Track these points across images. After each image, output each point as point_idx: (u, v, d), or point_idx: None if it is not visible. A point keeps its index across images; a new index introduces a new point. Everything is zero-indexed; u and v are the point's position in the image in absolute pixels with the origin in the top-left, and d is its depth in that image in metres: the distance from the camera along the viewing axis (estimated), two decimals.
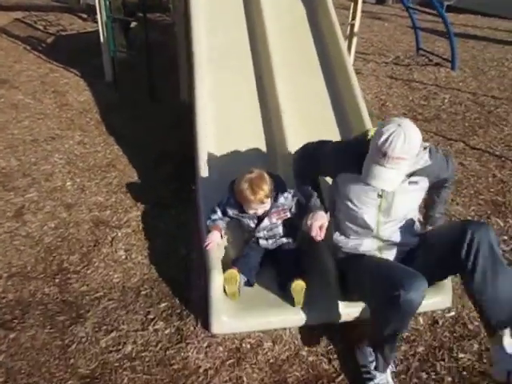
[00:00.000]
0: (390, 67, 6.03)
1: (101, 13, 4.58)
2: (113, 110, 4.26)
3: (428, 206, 2.13)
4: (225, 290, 1.91)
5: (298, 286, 1.89)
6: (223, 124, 2.90)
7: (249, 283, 2.02)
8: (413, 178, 1.79)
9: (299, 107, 3.03)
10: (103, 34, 4.71)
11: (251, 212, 2.09)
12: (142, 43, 4.83)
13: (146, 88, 4.56)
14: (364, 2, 11.39)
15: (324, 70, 3.31)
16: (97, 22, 4.85)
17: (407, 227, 1.90)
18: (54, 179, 3.10)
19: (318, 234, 1.85)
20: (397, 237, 1.89)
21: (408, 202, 1.85)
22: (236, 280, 1.89)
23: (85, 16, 8.26)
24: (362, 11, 4.56)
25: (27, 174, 3.15)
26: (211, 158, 2.69)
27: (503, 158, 3.63)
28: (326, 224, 1.90)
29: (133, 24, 6.33)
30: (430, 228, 2.09)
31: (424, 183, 1.85)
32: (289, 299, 1.94)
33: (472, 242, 1.62)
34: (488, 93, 5.16)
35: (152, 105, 4.44)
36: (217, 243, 2.09)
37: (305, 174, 2.10)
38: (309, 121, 2.96)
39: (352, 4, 4.83)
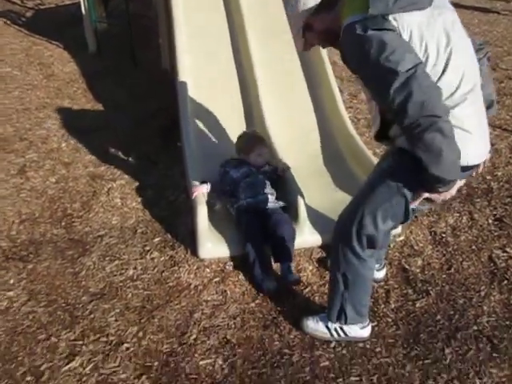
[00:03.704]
0: None
1: None
2: (98, 79, 4.50)
3: None
4: None
5: None
6: (203, 85, 3.21)
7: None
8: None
9: (271, 70, 3.36)
10: (84, 6, 4.89)
11: (259, 160, 2.51)
12: (121, 14, 5.03)
13: (128, 56, 4.79)
14: None
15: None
16: None
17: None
18: (50, 142, 3.39)
19: None
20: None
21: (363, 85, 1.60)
22: None
23: None
24: None
25: (24, 139, 3.42)
26: (194, 117, 3.02)
27: None
28: None
29: None
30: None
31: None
32: None
33: None
34: None
35: (135, 72, 4.69)
36: (201, 192, 2.43)
37: None
38: (279, 79, 3.31)
39: None
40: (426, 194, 1.56)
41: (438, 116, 1.32)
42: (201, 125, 3.04)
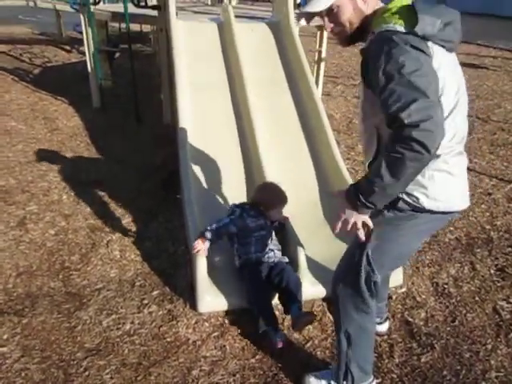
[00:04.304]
0: (357, 89, 6.55)
1: (88, 45, 4.98)
2: (101, 133, 4.62)
3: None
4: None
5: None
6: (203, 140, 3.29)
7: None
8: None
9: (270, 122, 3.45)
10: (90, 64, 5.10)
11: (277, 216, 2.47)
12: (125, 72, 5.23)
13: (131, 112, 4.93)
14: None
15: (291, 91, 3.74)
16: (82, 53, 5.24)
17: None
18: (51, 194, 3.41)
19: None
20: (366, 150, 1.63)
21: (362, 101, 1.57)
22: None
23: (68, 48, 8.68)
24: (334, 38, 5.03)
25: (26, 191, 3.45)
26: (194, 170, 3.06)
27: None
28: None
29: (116, 54, 6.76)
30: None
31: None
32: None
33: None
34: None
35: (138, 127, 4.82)
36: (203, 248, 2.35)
37: None
38: (278, 131, 3.39)
39: (318, 33, 5.35)
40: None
41: (430, 153, 1.28)
42: (200, 177, 3.08)
